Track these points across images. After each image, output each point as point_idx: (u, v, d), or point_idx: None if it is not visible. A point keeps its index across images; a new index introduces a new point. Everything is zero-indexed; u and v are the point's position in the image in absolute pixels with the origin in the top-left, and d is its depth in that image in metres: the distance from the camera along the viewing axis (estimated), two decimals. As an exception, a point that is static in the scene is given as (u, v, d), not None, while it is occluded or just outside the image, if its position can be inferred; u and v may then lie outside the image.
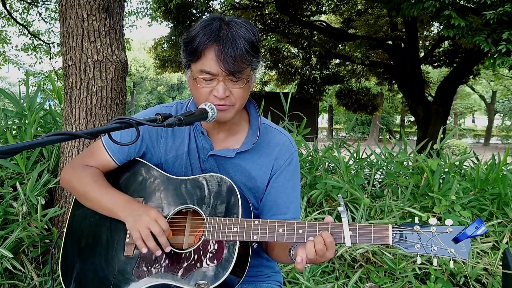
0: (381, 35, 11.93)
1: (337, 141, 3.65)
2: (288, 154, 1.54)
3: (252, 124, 1.53)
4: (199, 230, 1.45)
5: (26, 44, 12.61)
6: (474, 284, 2.76)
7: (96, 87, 2.68)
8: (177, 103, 1.59)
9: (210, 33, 1.30)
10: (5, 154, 0.82)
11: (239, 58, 1.29)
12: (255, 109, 1.55)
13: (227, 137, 1.53)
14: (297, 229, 1.31)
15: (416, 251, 1.23)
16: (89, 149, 1.59)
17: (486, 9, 5.82)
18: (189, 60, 1.37)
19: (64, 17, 2.68)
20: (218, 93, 1.33)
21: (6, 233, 2.45)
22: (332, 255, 1.27)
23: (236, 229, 1.33)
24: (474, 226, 1.18)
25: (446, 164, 3.40)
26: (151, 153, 1.55)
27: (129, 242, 1.44)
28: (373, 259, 2.83)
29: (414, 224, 1.25)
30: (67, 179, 1.55)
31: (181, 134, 1.53)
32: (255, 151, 1.51)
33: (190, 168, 1.52)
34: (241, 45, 1.29)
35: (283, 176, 1.53)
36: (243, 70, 1.32)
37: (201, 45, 1.30)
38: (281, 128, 1.60)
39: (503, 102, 36.33)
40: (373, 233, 1.25)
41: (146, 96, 41.70)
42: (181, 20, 10.70)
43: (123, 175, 1.55)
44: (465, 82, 14.18)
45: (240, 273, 1.38)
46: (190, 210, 1.46)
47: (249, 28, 1.34)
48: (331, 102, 25.40)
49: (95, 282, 1.44)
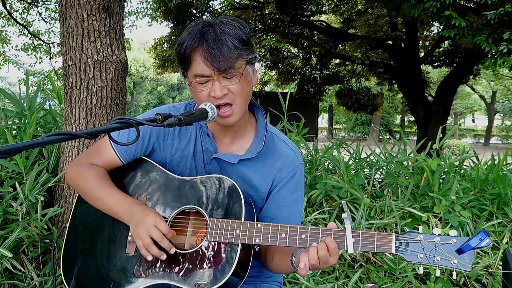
0: (381, 35, 11.93)
1: (337, 141, 3.65)
2: (292, 167, 1.53)
3: (258, 132, 1.52)
4: (201, 231, 1.45)
5: (26, 44, 12.62)
6: (474, 284, 2.76)
7: (96, 87, 2.68)
8: (186, 104, 1.59)
9: (194, 36, 1.32)
10: (5, 154, 0.82)
11: (226, 54, 1.29)
12: (263, 116, 1.55)
13: (232, 141, 1.52)
14: (299, 234, 1.31)
15: (419, 261, 1.21)
16: (95, 147, 1.59)
17: (486, 9, 5.82)
18: (183, 68, 1.38)
19: (64, 17, 2.68)
20: (215, 93, 1.33)
21: (6, 233, 2.44)
22: (335, 261, 1.26)
23: (238, 232, 1.33)
24: (478, 238, 1.17)
25: (446, 164, 3.39)
26: (157, 153, 1.55)
27: (131, 240, 1.44)
28: (373, 259, 2.83)
29: (418, 234, 1.24)
30: (72, 177, 1.56)
31: (187, 135, 1.53)
32: (259, 160, 1.50)
33: (194, 169, 1.52)
34: (227, 41, 1.30)
35: (285, 189, 1.52)
36: (233, 64, 1.31)
37: (187, 49, 1.32)
38: (288, 140, 1.59)
39: (503, 102, 36.33)
40: (376, 241, 1.25)
41: (146, 96, 41.69)
42: (181, 20, 10.70)
43: (127, 174, 1.56)
44: (465, 82, 14.18)
45: (241, 274, 1.38)
46: (193, 211, 1.46)
47: (235, 24, 1.34)
48: (331, 102, 25.41)
49: (96, 279, 1.44)
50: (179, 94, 42.52)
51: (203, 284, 1.28)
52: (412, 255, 1.22)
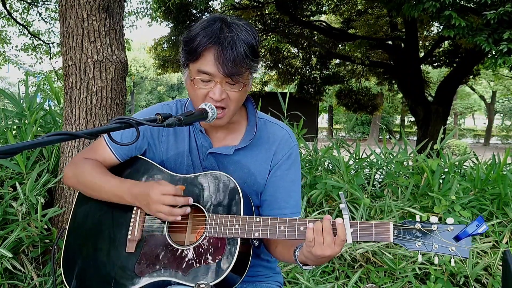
0: (381, 35, 11.94)
1: (337, 141, 3.65)
2: (287, 148, 1.53)
3: (250, 120, 1.53)
4: (200, 228, 1.46)
5: (26, 44, 12.62)
6: (474, 284, 2.75)
7: (96, 87, 2.68)
8: (177, 102, 1.60)
9: (210, 34, 1.30)
10: (5, 154, 0.82)
11: (238, 61, 1.29)
12: (252, 105, 1.55)
13: (226, 135, 1.53)
14: (298, 226, 1.32)
15: (417, 249, 1.23)
16: (90, 147, 1.60)
17: (486, 9, 5.82)
18: (188, 60, 1.37)
19: (64, 17, 2.68)
20: (215, 95, 1.34)
21: (5, 233, 2.45)
22: (338, 250, 1.26)
23: (237, 226, 1.34)
24: (475, 224, 1.18)
25: (446, 164, 3.40)
26: (152, 151, 1.55)
27: (131, 238, 1.45)
28: (373, 259, 2.83)
29: (415, 222, 1.25)
30: (71, 176, 1.57)
31: (181, 133, 1.53)
32: (254, 147, 1.51)
33: (192, 166, 1.53)
34: (241, 49, 1.29)
35: (281, 170, 1.52)
36: (242, 74, 1.32)
37: (200, 46, 1.30)
38: (280, 122, 1.60)
39: (503, 102, 36.33)
40: (374, 231, 1.26)
41: (146, 96, 41.69)
42: (181, 20, 10.70)
43: (125, 173, 1.56)
44: (465, 82, 14.20)
45: (241, 271, 1.39)
46: (192, 208, 1.47)
47: (250, 31, 1.34)
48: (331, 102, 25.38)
49: (97, 278, 1.45)
50: (179, 94, 42.51)
51: (203, 284, 1.28)
52: (411, 243, 1.24)
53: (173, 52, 12.28)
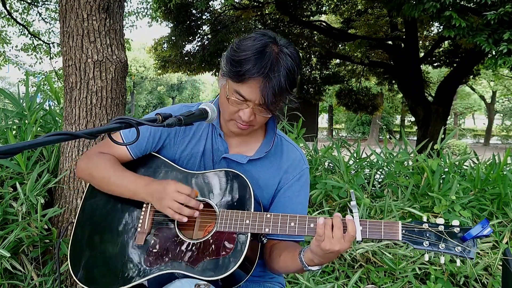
0: (381, 35, 11.94)
1: (337, 141, 3.65)
2: (299, 170, 1.57)
3: (268, 133, 1.57)
4: (209, 225, 1.47)
5: (26, 44, 12.61)
6: (474, 284, 2.75)
7: (96, 87, 2.68)
8: (198, 104, 1.61)
9: (260, 67, 1.30)
10: (5, 154, 0.82)
11: (278, 95, 1.33)
12: (274, 121, 1.59)
13: (242, 142, 1.56)
14: (308, 223, 1.34)
15: (424, 248, 1.26)
16: (105, 142, 1.61)
17: (486, 9, 5.83)
18: (230, 77, 1.37)
19: (64, 17, 2.68)
20: (244, 115, 1.38)
21: (5, 233, 2.45)
22: (347, 246, 1.26)
23: (248, 222, 1.36)
24: (480, 226, 1.21)
25: (446, 164, 3.39)
26: (167, 149, 1.58)
27: (141, 231, 1.46)
28: (373, 259, 2.83)
29: (423, 222, 1.28)
30: (84, 168, 1.58)
31: (198, 133, 1.56)
32: (267, 161, 1.54)
33: (203, 168, 1.56)
34: (285, 84, 1.32)
35: (291, 191, 1.55)
36: (278, 105, 1.37)
37: (247, 74, 1.31)
38: (295, 144, 1.64)
39: (503, 102, 36.33)
40: (383, 229, 1.28)
41: (146, 96, 41.66)
42: (181, 20, 10.71)
43: (137, 169, 1.58)
44: (465, 82, 14.20)
45: (248, 268, 1.40)
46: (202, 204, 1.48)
47: (295, 59, 1.35)
48: (331, 102, 25.41)
49: (105, 270, 1.46)
50: (179, 94, 42.51)
51: (204, 284, 1.29)
52: (418, 242, 1.26)
53: (173, 53, 12.28)
